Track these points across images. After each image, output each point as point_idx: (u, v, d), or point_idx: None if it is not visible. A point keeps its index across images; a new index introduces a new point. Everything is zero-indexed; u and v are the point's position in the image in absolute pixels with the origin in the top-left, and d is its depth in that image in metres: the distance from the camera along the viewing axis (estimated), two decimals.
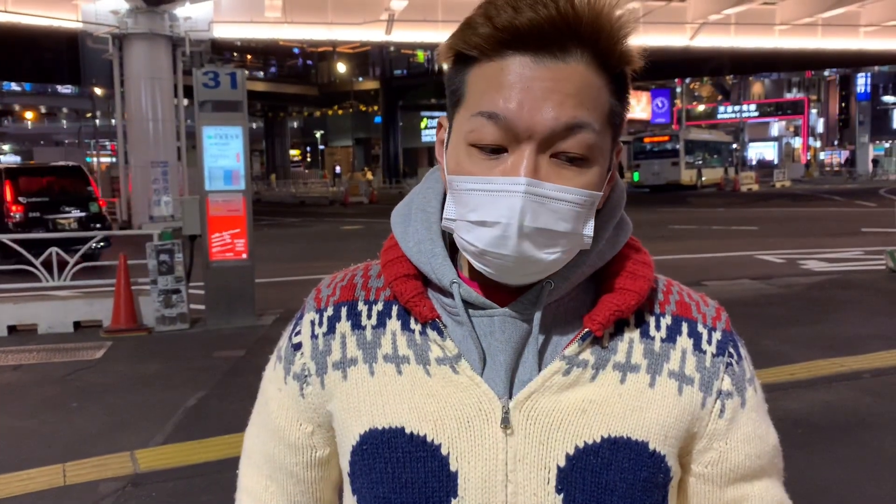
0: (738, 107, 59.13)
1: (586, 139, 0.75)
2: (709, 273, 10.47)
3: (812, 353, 6.15)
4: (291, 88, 54.77)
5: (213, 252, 7.83)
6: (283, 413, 0.92)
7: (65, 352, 6.95)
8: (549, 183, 0.75)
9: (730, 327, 0.89)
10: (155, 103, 21.97)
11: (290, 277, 10.84)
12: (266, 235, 17.37)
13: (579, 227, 0.77)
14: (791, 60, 35.64)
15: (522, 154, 0.75)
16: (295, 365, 0.91)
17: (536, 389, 0.81)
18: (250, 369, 6.20)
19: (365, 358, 0.86)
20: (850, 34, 30.10)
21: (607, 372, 0.83)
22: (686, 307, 0.88)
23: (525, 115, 0.74)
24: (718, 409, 0.85)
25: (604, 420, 0.81)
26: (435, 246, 0.84)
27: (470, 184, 0.77)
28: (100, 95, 45.23)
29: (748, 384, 0.88)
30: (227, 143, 7.77)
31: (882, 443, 4.34)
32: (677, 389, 0.84)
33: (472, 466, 0.80)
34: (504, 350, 0.81)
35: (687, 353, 0.85)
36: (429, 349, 0.84)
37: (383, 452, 0.82)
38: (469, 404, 0.81)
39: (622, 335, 0.85)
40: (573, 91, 0.74)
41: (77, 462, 4.27)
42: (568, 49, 0.75)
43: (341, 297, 0.90)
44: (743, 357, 0.89)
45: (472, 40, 0.76)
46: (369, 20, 25.15)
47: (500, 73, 0.75)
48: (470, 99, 0.78)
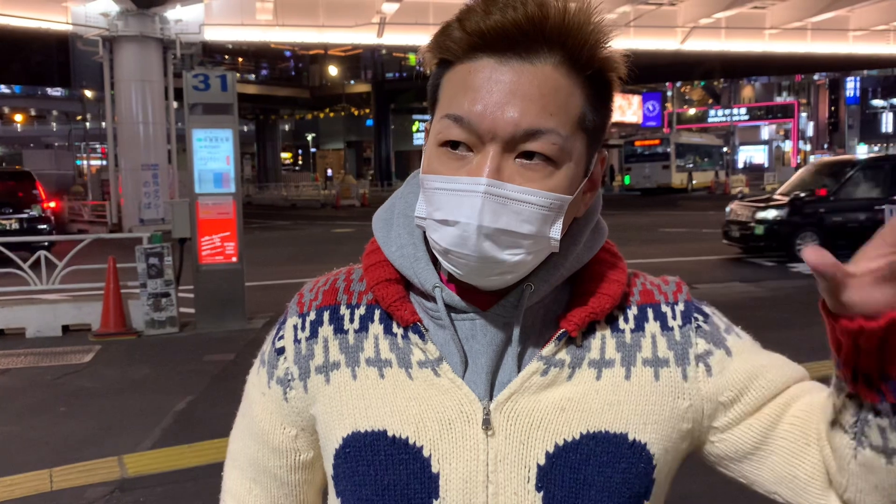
0: (728, 110, 59.37)
1: (552, 142, 0.76)
2: (700, 276, 10.48)
3: (802, 355, 6.10)
4: (283, 91, 54.68)
5: (202, 255, 7.80)
6: (267, 417, 0.93)
7: (53, 356, 6.91)
8: (511, 184, 0.75)
9: (690, 297, 0.90)
10: (145, 106, 21.91)
11: (280, 281, 10.80)
12: (257, 238, 17.32)
13: (545, 229, 0.78)
14: (781, 64, 35.85)
15: (486, 155, 0.76)
16: (278, 369, 0.91)
17: (516, 390, 0.82)
18: (240, 373, 6.10)
19: (347, 362, 0.87)
20: (839, 38, 30.29)
21: (583, 370, 0.84)
22: (649, 294, 0.90)
23: (488, 117, 0.75)
24: (703, 371, 0.86)
25: (582, 417, 0.83)
26: (417, 250, 0.86)
27: (437, 183, 0.78)
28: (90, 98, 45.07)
29: (726, 334, 0.89)
30: (217, 145, 7.74)
31: None
32: (654, 375, 0.85)
33: (454, 468, 0.81)
34: (485, 353, 0.83)
35: (656, 335, 0.87)
36: (410, 353, 0.85)
37: (366, 455, 0.83)
38: (450, 406, 0.82)
39: (594, 333, 0.86)
40: (537, 94, 0.75)
41: (64, 467, 4.23)
42: (535, 50, 0.75)
43: (324, 302, 0.91)
44: (710, 314, 0.90)
45: (445, 44, 0.78)
46: (361, 23, 25.14)
47: (468, 75, 0.77)
48: (442, 101, 0.80)
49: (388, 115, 54.01)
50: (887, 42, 31.23)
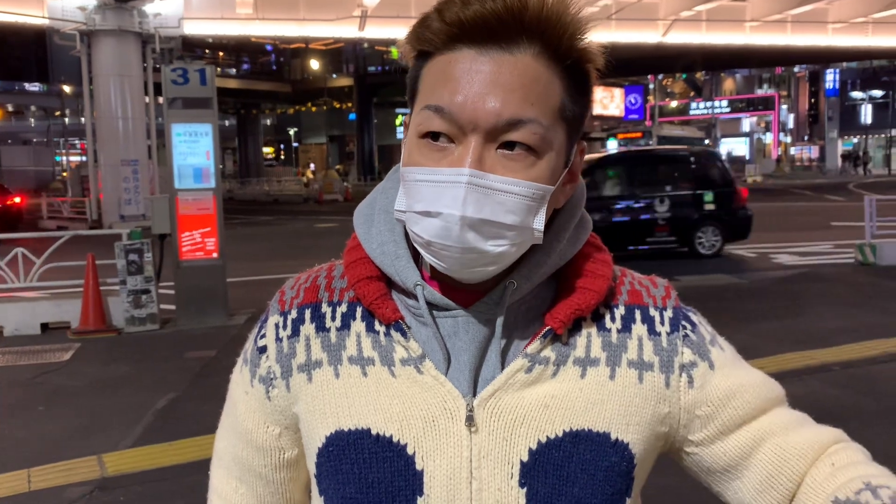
0: (710, 103, 59.66)
1: (533, 132, 0.76)
2: (681, 268, 10.54)
3: (782, 346, 6.21)
4: (264, 85, 54.33)
5: (183, 251, 7.74)
6: (251, 416, 0.93)
7: (32, 354, 6.83)
8: (493, 175, 0.75)
9: (678, 303, 0.91)
10: (124, 101, 21.69)
11: (262, 276, 10.75)
12: (239, 234, 17.22)
13: (528, 220, 0.77)
14: (761, 57, 36.07)
15: (468, 146, 0.75)
16: (260, 368, 0.91)
17: (500, 387, 0.82)
18: (222, 370, 6.11)
19: (330, 360, 0.86)
20: (818, 31, 30.52)
21: (568, 367, 0.84)
22: (637, 294, 0.90)
23: (469, 107, 0.75)
24: (686, 381, 0.87)
25: (565, 414, 0.83)
26: (398, 248, 0.85)
27: (418, 175, 0.77)
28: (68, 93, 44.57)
29: (710, 346, 0.89)
30: (196, 140, 7.68)
31: (851, 434, 4.36)
32: (637, 377, 0.85)
33: (438, 465, 0.81)
34: (468, 350, 0.83)
35: (643, 339, 0.87)
36: (393, 350, 0.85)
37: (349, 454, 0.83)
38: (434, 404, 0.82)
39: (580, 330, 0.86)
40: (517, 84, 0.75)
41: (43, 467, 4.19)
42: (514, 41, 0.75)
43: (305, 300, 0.90)
44: (697, 324, 0.90)
45: (424, 35, 0.78)
46: (342, 16, 25.02)
47: (447, 66, 0.77)
48: (422, 93, 0.79)
49: (371, 109, 53.85)
50: (865, 34, 31.50)
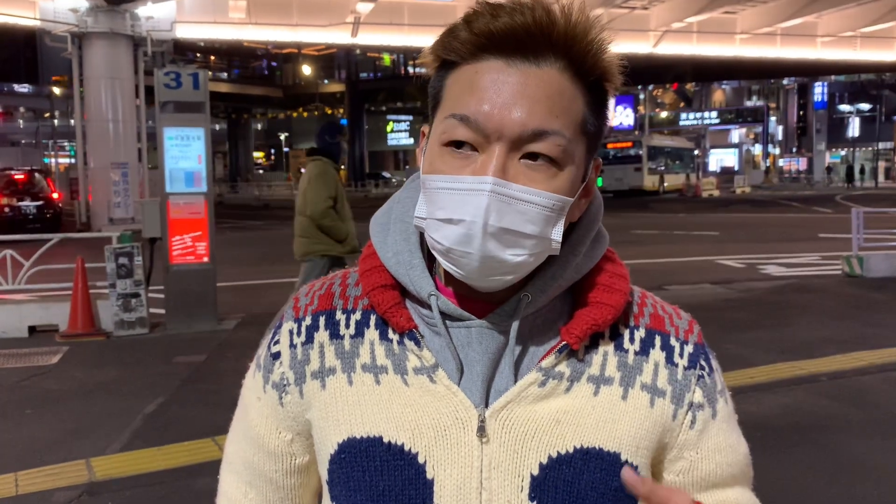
0: (699, 114, 60.06)
1: (556, 144, 0.77)
2: (671, 277, 10.59)
3: (771, 356, 6.25)
4: (256, 90, 54.31)
5: (173, 255, 7.71)
6: (263, 421, 0.93)
7: (19, 357, 6.78)
8: (516, 184, 0.76)
9: (702, 340, 0.91)
10: (115, 104, 21.61)
11: (252, 281, 10.73)
12: (229, 238, 17.17)
13: (547, 230, 0.78)
14: (751, 69, 36.38)
15: (492, 154, 0.76)
16: (274, 374, 0.91)
17: (512, 399, 0.82)
18: (211, 375, 6.10)
19: (343, 367, 0.87)
20: (807, 44, 30.80)
21: (581, 384, 0.84)
22: (660, 320, 0.90)
23: (495, 116, 0.75)
24: (689, 420, 0.88)
25: (577, 431, 0.83)
26: (413, 257, 0.86)
27: (440, 182, 0.78)
28: (58, 95, 44.37)
29: (719, 395, 0.90)
30: (188, 144, 7.66)
31: (838, 445, 4.42)
32: (649, 402, 0.86)
33: (448, 474, 0.82)
34: (481, 360, 0.83)
35: (659, 365, 0.87)
36: (406, 359, 0.85)
37: (361, 461, 0.84)
38: (446, 413, 0.83)
39: (597, 348, 0.86)
40: (543, 96, 0.76)
41: (30, 471, 4.15)
42: (542, 54, 0.77)
43: (319, 306, 0.91)
44: (714, 369, 0.91)
45: (451, 45, 0.79)
46: (335, 22, 25.04)
47: (474, 76, 0.78)
48: (446, 102, 0.80)
49: (363, 115, 53.91)
50: (854, 48, 31.81)
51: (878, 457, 4.26)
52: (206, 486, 3.90)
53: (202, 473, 4.05)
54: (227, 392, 6.04)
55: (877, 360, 6.15)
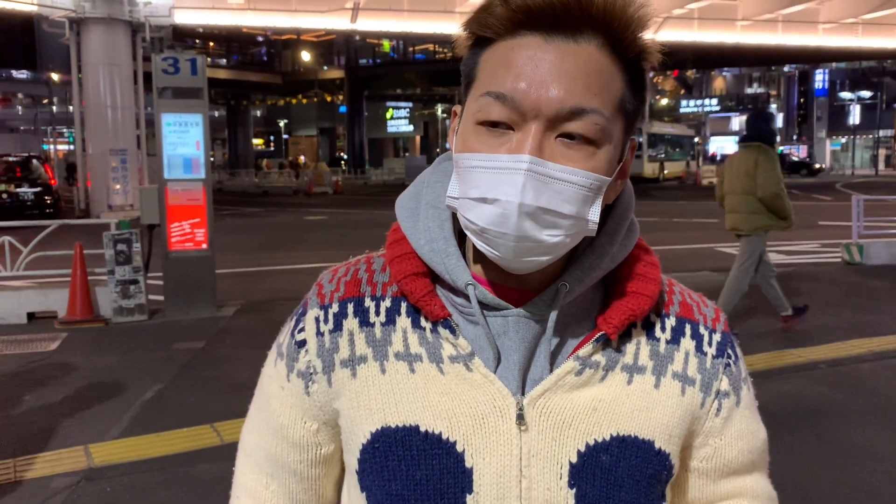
0: (700, 101, 59.93)
1: (594, 122, 0.75)
2: (670, 265, 10.58)
3: (770, 343, 6.25)
4: (254, 76, 54.07)
5: (172, 242, 7.69)
6: (287, 411, 0.91)
7: (18, 343, 6.78)
8: (553, 163, 0.74)
9: (728, 328, 0.93)
10: (114, 90, 21.53)
11: (251, 268, 10.72)
12: (228, 225, 17.15)
13: (584, 210, 0.77)
14: (752, 55, 36.23)
15: (528, 133, 0.74)
16: (299, 362, 0.89)
17: (550, 387, 0.82)
18: (210, 361, 6.10)
19: (375, 356, 0.85)
20: (809, 31, 30.66)
21: (616, 373, 0.85)
22: (689, 308, 0.91)
23: (532, 94, 0.74)
24: (716, 408, 0.89)
25: (613, 419, 0.83)
26: (448, 245, 0.84)
27: (474, 161, 0.76)
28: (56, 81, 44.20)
29: (743, 383, 0.92)
30: (186, 130, 7.63)
31: (837, 432, 4.43)
32: (680, 390, 0.87)
33: (488, 462, 0.81)
34: (518, 349, 0.83)
35: (690, 354, 0.88)
36: (441, 347, 0.84)
37: (397, 451, 0.83)
38: (483, 401, 0.82)
39: (630, 337, 0.87)
40: (581, 73, 0.74)
41: (29, 457, 4.16)
42: (580, 30, 0.75)
43: (346, 293, 0.88)
44: (739, 357, 0.92)
45: (487, 21, 0.77)
46: (334, 8, 24.92)
47: (510, 52, 0.76)
48: (481, 79, 0.78)
49: (362, 101, 53.71)
50: (855, 35, 31.67)
51: (876, 443, 4.27)
52: (204, 472, 3.91)
53: (201, 459, 4.06)
54: (225, 378, 6.05)
55: (875, 347, 6.15)
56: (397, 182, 39.80)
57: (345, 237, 14.60)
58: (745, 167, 6.32)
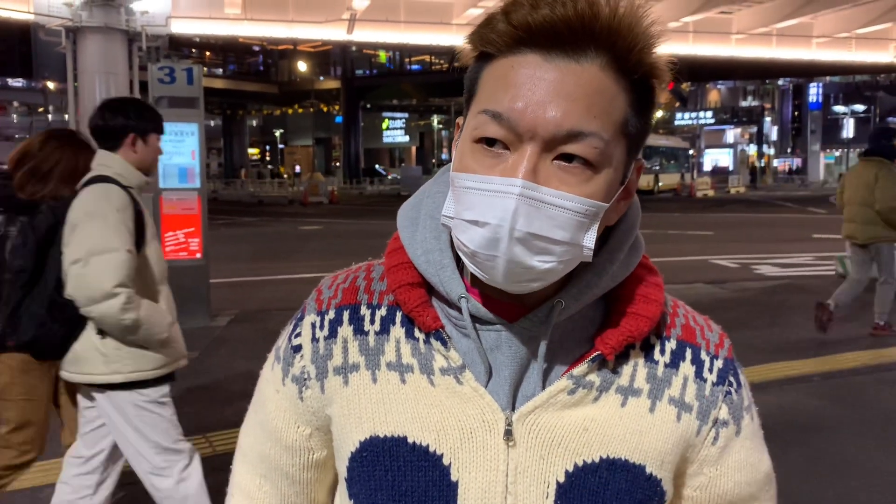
0: (695, 113, 60.15)
1: (593, 146, 0.72)
2: (665, 277, 10.49)
3: (764, 356, 6.25)
4: (251, 86, 54.18)
5: (166, 251, 7.67)
6: (281, 415, 0.91)
7: None
8: (547, 188, 0.72)
9: (731, 354, 0.90)
10: None
11: (246, 278, 10.70)
12: (222, 235, 17.12)
13: (579, 237, 0.74)
14: (747, 69, 36.44)
15: (523, 155, 0.72)
16: (294, 367, 0.89)
17: (541, 405, 0.81)
18: (203, 371, 6.08)
19: (367, 364, 0.85)
20: (803, 45, 30.82)
21: (610, 394, 0.83)
22: (691, 332, 0.88)
23: (528, 115, 0.72)
24: (713, 436, 0.87)
25: (603, 441, 0.82)
26: (444, 257, 0.83)
27: (469, 182, 0.74)
28: (52, 90, 44.21)
29: (745, 412, 0.89)
30: (182, 140, 7.63)
31: (831, 445, 4.43)
32: (676, 416, 0.84)
33: (473, 477, 0.80)
34: (509, 365, 0.81)
35: (688, 380, 0.86)
36: (433, 359, 0.83)
37: (384, 461, 0.82)
38: (472, 415, 0.81)
39: (627, 358, 0.85)
40: (581, 94, 0.72)
41: None
42: (582, 49, 0.72)
43: (343, 300, 0.88)
44: (742, 385, 0.90)
45: (488, 37, 0.75)
46: (331, 19, 24.97)
47: (509, 70, 0.73)
48: (480, 96, 0.76)
49: (358, 112, 53.82)
50: (849, 49, 31.87)
51: (871, 457, 4.26)
52: None
53: None
54: (219, 389, 6.00)
55: (869, 360, 6.16)
56: (392, 192, 39.84)
57: (340, 247, 14.56)
58: (865, 180, 6.72)
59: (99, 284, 2.48)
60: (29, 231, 2.76)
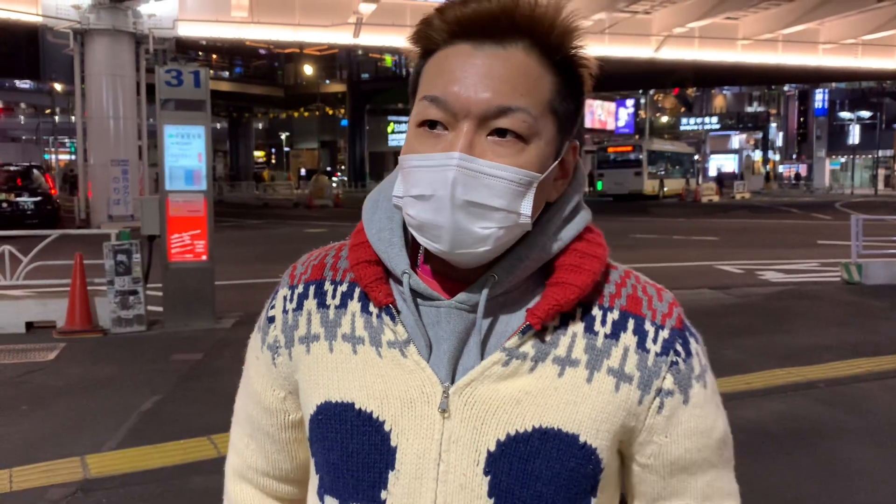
0: (700, 119, 60.10)
1: (522, 120, 0.81)
2: (669, 282, 10.43)
3: (768, 362, 6.24)
4: (257, 89, 54.28)
5: (172, 253, 7.70)
6: (259, 379, 1.01)
7: (16, 353, 6.77)
8: (482, 159, 0.80)
9: (681, 324, 0.90)
10: (116, 100, 21.59)
11: (250, 280, 10.72)
12: (228, 237, 17.15)
13: (515, 204, 0.81)
14: (752, 74, 36.37)
15: (460, 132, 0.81)
16: (269, 336, 0.98)
17: (476, 378, 0.86)
18: (208, 373, 6.09)
19: (326, 335, 0.92)
20: (809, 51, 30.80)
21: (546, 365, 0.86)
22: (637, 302, 0.90)
23: (462, 96, 0.80)
24: (657, 405, 0.88)
25: (537, 411, 0.85)
26: (393, 235, 0.90)
27: (414, 161, 0.83)
28: (60, 91, 44.35)
29: (695, 381, 0.89)
30: (188, 142, 7.65)
31: (835, 452, 4.41)
32: (614, 386, 0.86)
33: (410, 444, 0.86)
34: (448, 339, 0.86)
35: (629, 350, 0.87)
36: (382, 332, 0.89)
37: (335, 424, 0.90)
38: (413, 386, 0.87)
39: (565, 329, 0.87)
40: (508, 75, 0.81)
41: (25, 467, 4.14)
42: (507, 36, 0.82)
43: (311, 276, 0.97)
44: (692, 353, 0.90)
45: (427, 34, 0.85)
46: (337, 23, 25.04)
47: (445, 60, 0.83)
48: (422, 87, 0.86)
49: (364, 115, 53.87)
50: (855, 56, 31.83)
51: (874, 464, 4.25)
52: (201, 485, 3.90)
53: (197, 472, 4.04)
54: (223, 390, 6.04)
55: (874, 367, 6.14)
56: None
57: None
58: None
59: None
60: None
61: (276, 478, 1.05)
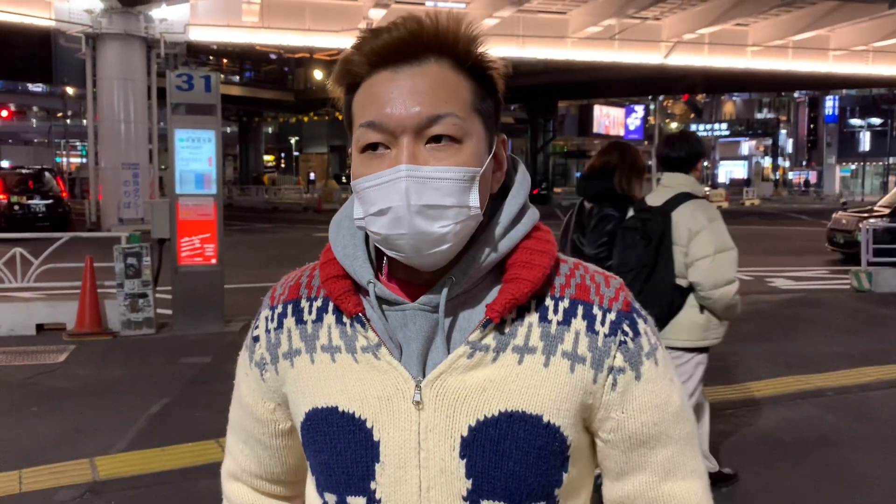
0: (710, 125, 59.93)
1: (452, 123, 0.89)
2: None
3: (777, 370, 6.22)
4: (267, 94, 54.42)
5: (182, 256, 7.74)
6: (250, 393, 1.09)
7: (26, 355, 6.81)
8: (426, 166, 0.88)
9: (628, 307, 0.98)
10: (127, 104, 21.72)
11: (260, 284, 10.73)
12: (237, 241, 17.20)
13: (464, 199, 0.90)
14: (762, 81, 36.24)
15: (401, 146, 0.89)
16: (255, 354, 1.07)
17: (444, 371, 0.94)
18: (217, 376, 6.11)
19: (307, 349, 1.01)
20: (819, 57, 30.68)
21: (507, 354, 0.94)
22: (585, 290, 0.97)
23: (395, 115, 0.89)
24: (610, 382, 0.95)
25: (502, 396, 0.93)
26: (357, 250, 0.98)
27: (365, 183, 0.91)
28: (71, 95, 44.63)
29: (645, 358, 0.97)
30: (199, 146, 7.69)
31: (844, 460, 4.39)
32: (569, 368, 0.94)
33: (391, 437, 0.95)
34: (416, 338, 0.94)
35: (580, 334, 0.95)
36: (356, 339, 0.98)
37: (322, 427, 0.98)
38: (388, 385, 0.95)
39: (522, 320, 0.95)
40: (429, 88, 0.89)
41: (34, 469, 4.17)
42: (420, 55, 0.90)
43: (289, 296, 1.05)
44: (641, 333, 0.97)
45: (347, 70, 0.94)
46: (347, 28, 25.09)
47: (371, 88, 0.92)
48: (356, 117, 0.94)
49: None
50: (866, 62, 31.68)
51: (883, 472, 4.23)
52: (209, 488, 3.91)
53: (205, 475, 4.06)
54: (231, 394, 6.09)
55: (883, 375, 6.12)
56: None
57: None
58: None
59: (724, 274, 3.35)
60: (645, 234, 3.43)
61: (267, 480, 1.14)
